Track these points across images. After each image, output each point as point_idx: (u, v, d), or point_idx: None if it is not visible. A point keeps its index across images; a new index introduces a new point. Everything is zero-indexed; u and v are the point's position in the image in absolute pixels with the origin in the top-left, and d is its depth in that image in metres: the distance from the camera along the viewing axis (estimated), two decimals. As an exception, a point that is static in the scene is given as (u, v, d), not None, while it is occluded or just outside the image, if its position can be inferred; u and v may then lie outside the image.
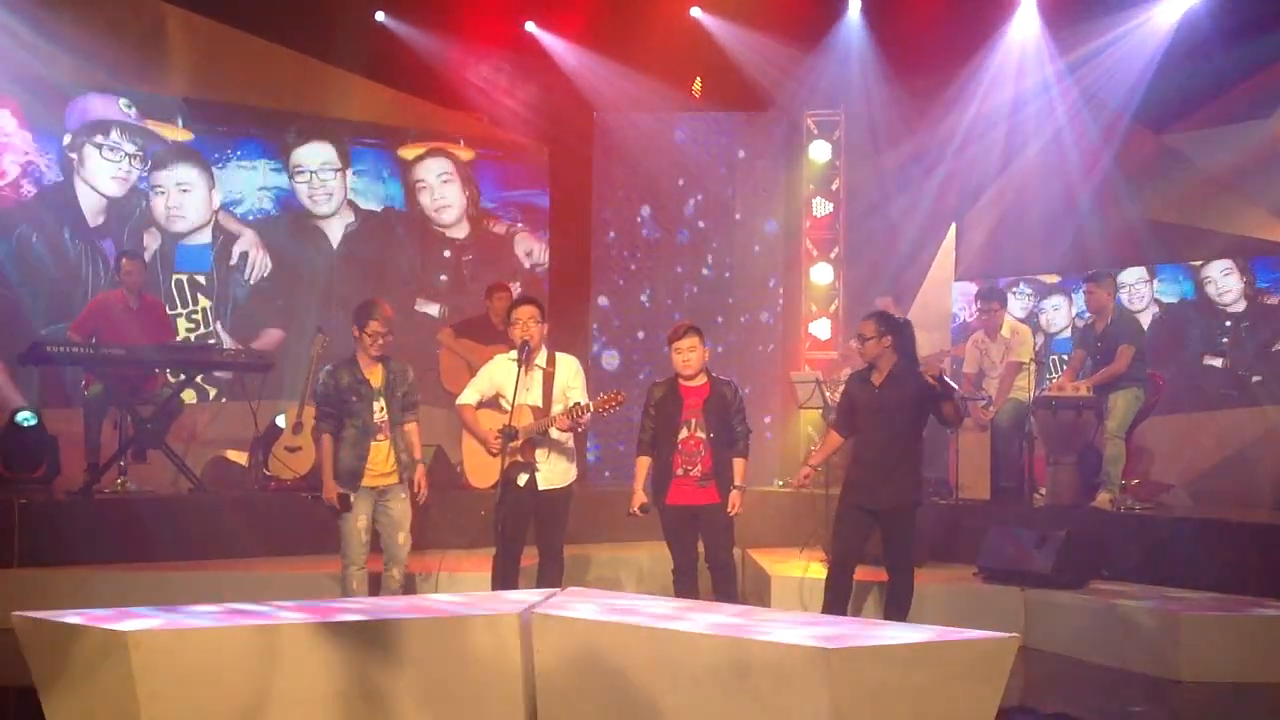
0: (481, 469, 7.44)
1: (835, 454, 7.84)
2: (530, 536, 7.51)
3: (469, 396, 7.53)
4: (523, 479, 7.33)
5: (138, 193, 11.21)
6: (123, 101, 11.13)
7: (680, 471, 7.29)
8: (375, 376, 7.42)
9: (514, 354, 7.39)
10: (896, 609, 7.27)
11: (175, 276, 11.37)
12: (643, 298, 12.86)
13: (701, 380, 7.38)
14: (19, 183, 10.64)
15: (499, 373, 7.49)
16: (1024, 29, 11.68)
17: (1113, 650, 7.47)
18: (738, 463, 7.31)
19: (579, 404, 7.19)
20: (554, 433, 7.35)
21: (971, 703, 4.96)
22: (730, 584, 7.34)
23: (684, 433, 7.29)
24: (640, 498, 7.37)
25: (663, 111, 12.72)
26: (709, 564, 7.33)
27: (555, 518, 7.47)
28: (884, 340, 7.27)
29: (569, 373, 7.46)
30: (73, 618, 5.34)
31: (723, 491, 7.27)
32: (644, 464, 7.41)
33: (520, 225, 12.93)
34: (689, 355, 7.33)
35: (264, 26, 11.31)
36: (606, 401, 7.24)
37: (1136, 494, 9.56)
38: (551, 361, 7.45)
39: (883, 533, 7.32)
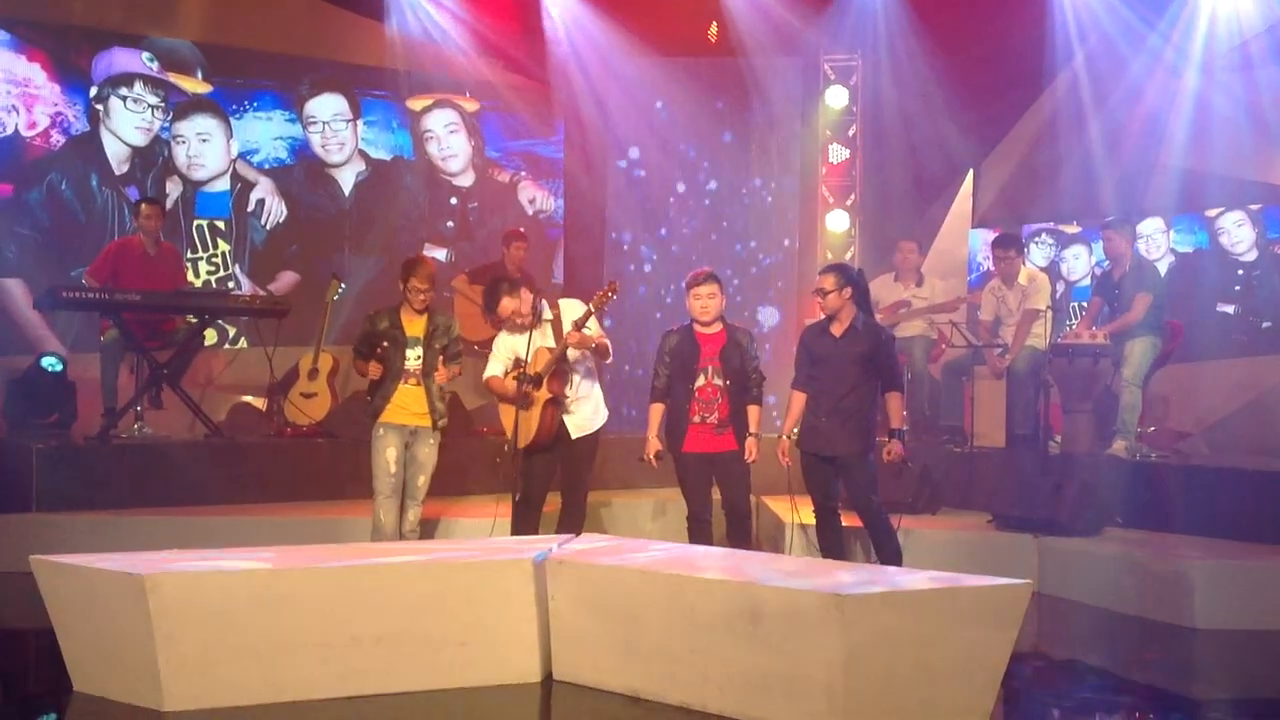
0: (526, 430, 7.37)
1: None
2: (554, 483, 7.54)
3: (494, 369, 7.57)
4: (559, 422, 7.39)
5: (160, 142, 11.48)
6: (145, 55, 11.36)
7: (697, 419, 7.28)
8: (415, 327, 7.64)
9: None
10: (885, 554, 7.27)
11: (196, 222, 11.63)
12: (644, 248, 12.86)
13: (718, 327, 7.36)
14: (49, 132, 10.94)
15: (509, 338, 7.54)
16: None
17: (1127, 598, 7.46)
18: (752, 409, 7.31)
19: (581, 316, 7.23)
20: (572, 354, 7.36)
21: (984, 649, 4.97)
22: (745, 531, 7.36)
23: (700, 380, 7.29)
24: (654, 445, 7.38)
25: (679, 57, 12.61)
26: (725, 511, 7.33)
27: (582, 465, 7.53)
28: (844, 292, 7.26)
29: (575, 312, 7.45)
30: (90, 560, 5.37)
31: (739, 438, 7.28)
32: (657, 411, 7.41)
33: (523, 174, 13.15)
34: (708, 302, 7.31)
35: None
36: (602, 297, 7.26)
37: (1152, 442, 9.52)
38: (555, 307, 7.52)
39: (844, 481, 7.32)
